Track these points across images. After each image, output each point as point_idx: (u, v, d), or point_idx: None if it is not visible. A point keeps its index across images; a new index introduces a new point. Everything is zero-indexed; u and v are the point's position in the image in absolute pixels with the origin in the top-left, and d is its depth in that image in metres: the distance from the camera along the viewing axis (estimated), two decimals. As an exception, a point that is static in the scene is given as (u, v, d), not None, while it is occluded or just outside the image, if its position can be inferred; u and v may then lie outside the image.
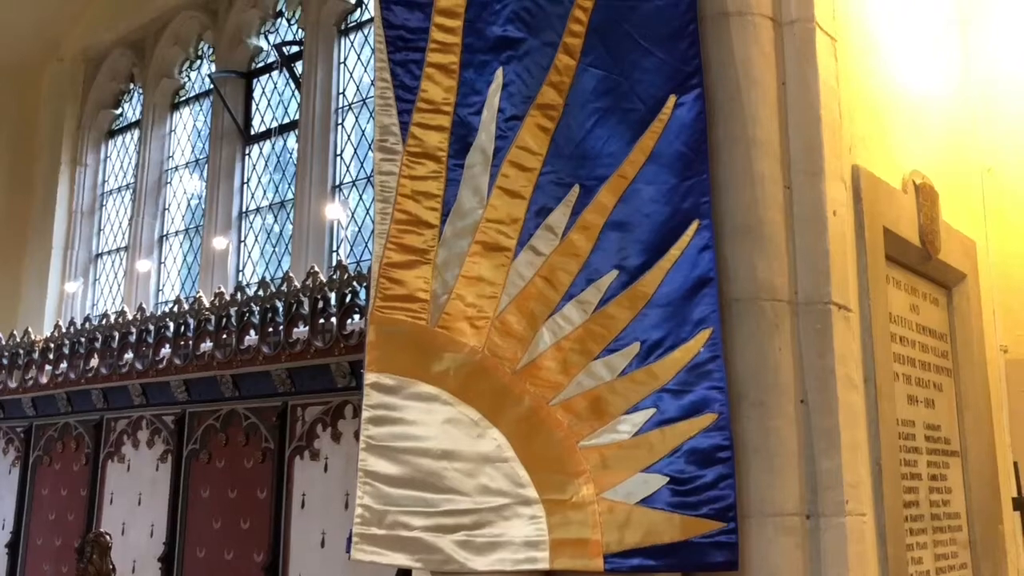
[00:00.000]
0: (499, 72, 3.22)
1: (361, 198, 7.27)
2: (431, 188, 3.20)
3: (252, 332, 6.09)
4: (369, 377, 3.05)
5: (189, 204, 8.55)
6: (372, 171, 7.03)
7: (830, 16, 3.38)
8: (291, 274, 6.25)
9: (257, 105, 8.05)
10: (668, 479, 2.85)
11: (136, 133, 9.02)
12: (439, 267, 3.15)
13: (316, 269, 6.01)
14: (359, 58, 7.35)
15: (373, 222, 7.08)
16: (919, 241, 3.77)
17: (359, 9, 7.35)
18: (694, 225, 3.05)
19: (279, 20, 7.97)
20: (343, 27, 7.43)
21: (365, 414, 3.04)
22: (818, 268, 3.14)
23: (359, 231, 7.23)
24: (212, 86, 8.10)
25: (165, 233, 8.67)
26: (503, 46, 3.23)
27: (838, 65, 3.37)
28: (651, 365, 2.95)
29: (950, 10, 4.55)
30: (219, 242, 7.62)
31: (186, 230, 8.52)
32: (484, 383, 3.01)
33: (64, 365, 7.04)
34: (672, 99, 3.14)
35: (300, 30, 7.64)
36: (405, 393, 3.04)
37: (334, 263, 6.87)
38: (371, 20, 6.96)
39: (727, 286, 3.05)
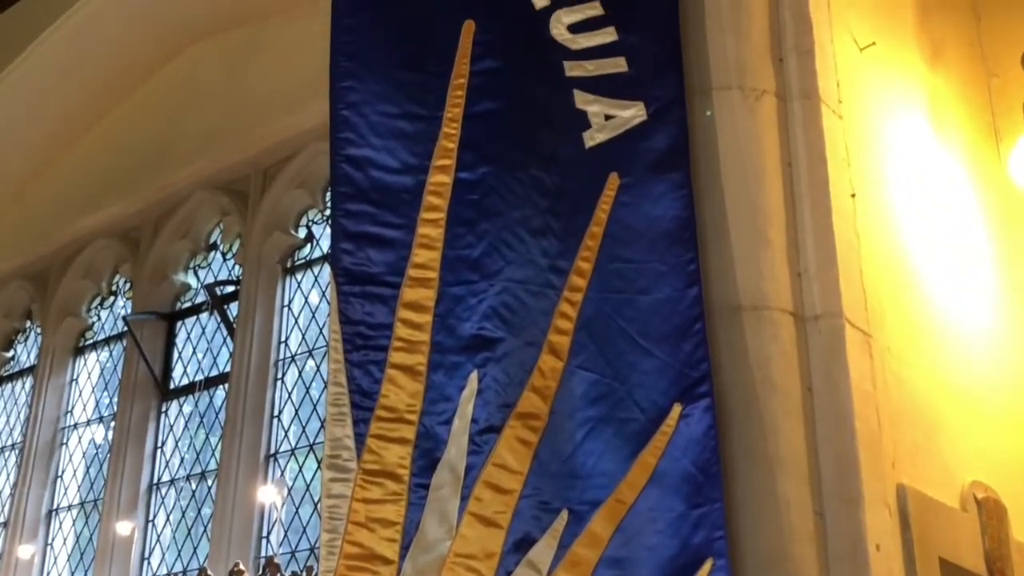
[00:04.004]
0: (473, 376, 3.41)
1: (301, 471, 7.32)
2: (389, 514, 3.31)
3: (156, 648, 6.00)
4: None
5: (88, 471, 8.57)
6: (316, 439, 7.20)
7: (862, 308, 3.61)
8: (209, 572, 6.23)
9: (180, 353, 8.22)
10: None
11: (29, 381, 9.13)
12: (396, 616, 3.21)
13: (241, 567, 6.00)
14: (307, 301, 7.60)
15: (315, 501, 7.08)
16: (986, 570, 3.86)
17: (309, 245, 7.66)
18: (707, 565, 3.15)
19: (212, 254, 8.26)
20: (289, 264, 7.72)
21: None
22: (861, 617, 3.22)
23: (296, 512, 7.24)
24: (126, 328, 8.29)
25: (55, 507, 8.62)
26: (478, 346, 3.43)
27: (874, 365, 3.58)
28: None
29: (1003, 281, 4.81)
30: (123, 527, 7.60)
31: (82, 504, 8.48)
32: None
33: None
34: (677, 409, 3.32)
35: (237, 267, 7.92)
36: None
37: (263, 555, 6.84)
38: (323, 257, 7.28)
39: (751, 640, 3.12)
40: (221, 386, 7.81)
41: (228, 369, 7.71)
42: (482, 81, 3.64)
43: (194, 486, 7.84)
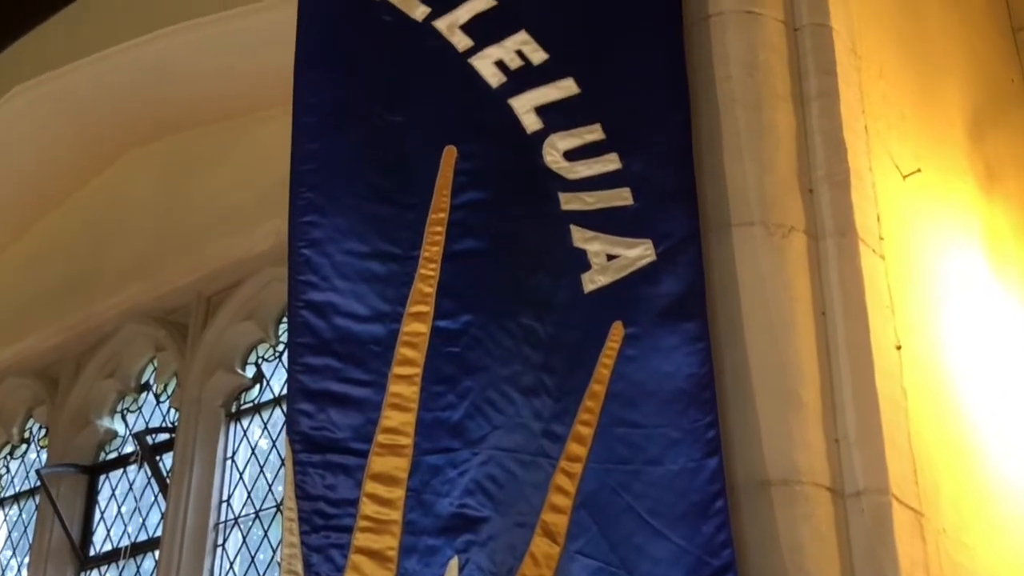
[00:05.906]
0: (453, 563, 3.38)
1: (245, 659, 7.21)
2: None
3: None
4: None
5: (-12, 657, 8.43)
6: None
7: (911, 481, 3.61)
8: None
9: (102, 513, 8.13)
10: None
11: (-79, 545, 9.03)
12: None
13: None
14: (254, 453, 7.54)
15: None
16: None
17: (258, 386, 7.63)
18: None
19: (143, 396, 8.21)
20: (234, 409, 7.67)
21: None
22: None
23: None
24: (39, 483, 8.22)
25: None
26: (459, 527, 3.41)
27: (927, 549, 3.55)
28: None
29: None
30: None
31: None
32: None
33: None
34: (696, 605, 3.29)
35: (172, 411, 7.89)
36: None
37: None
38: (273, 401, 7.25)
39: None
40: (150, 553, 7.73)
41: (159, 533, 7.63)
42: (465, 216, 3.68)
43: (115, 678, 7.72)
